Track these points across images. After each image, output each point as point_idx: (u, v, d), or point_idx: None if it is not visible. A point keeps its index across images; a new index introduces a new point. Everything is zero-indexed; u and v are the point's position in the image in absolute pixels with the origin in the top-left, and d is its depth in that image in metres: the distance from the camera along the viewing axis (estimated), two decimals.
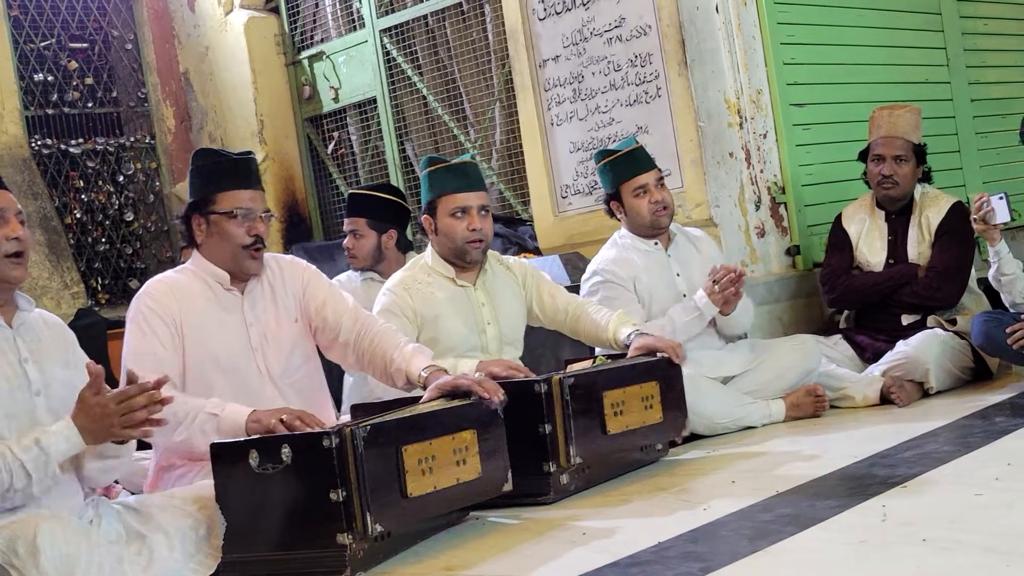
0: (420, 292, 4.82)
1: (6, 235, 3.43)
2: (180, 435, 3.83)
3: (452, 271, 4.87)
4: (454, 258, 4.86)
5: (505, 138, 7.72)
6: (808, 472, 4.06)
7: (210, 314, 4.12)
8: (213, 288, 4.16)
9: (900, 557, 2.92)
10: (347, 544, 3.36)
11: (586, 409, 4.22)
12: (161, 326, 4.03)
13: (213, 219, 4.13)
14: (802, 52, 6.68)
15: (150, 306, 4.07)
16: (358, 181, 8.68)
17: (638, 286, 5.34)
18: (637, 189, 5.33)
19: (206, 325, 4.09)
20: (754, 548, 3.16)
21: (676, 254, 5.44)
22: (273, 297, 4.24)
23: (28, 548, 3.03)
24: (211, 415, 3.82)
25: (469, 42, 7.89)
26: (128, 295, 9.09)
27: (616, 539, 3.50)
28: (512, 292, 4.99)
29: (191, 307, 4.09)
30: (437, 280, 4.86)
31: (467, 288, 4.88)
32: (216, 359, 4.08)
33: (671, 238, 5.47)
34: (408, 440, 3.55)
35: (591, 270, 5.46)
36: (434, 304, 4.81)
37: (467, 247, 4.80)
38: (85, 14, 9.37)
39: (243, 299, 4.18)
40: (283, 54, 9.16)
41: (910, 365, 5.41)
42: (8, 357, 3.43)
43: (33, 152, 8.83)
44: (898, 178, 5.86)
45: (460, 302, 4.85)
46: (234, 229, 4.11)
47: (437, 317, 4.79)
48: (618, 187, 5.37)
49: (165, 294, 4.10)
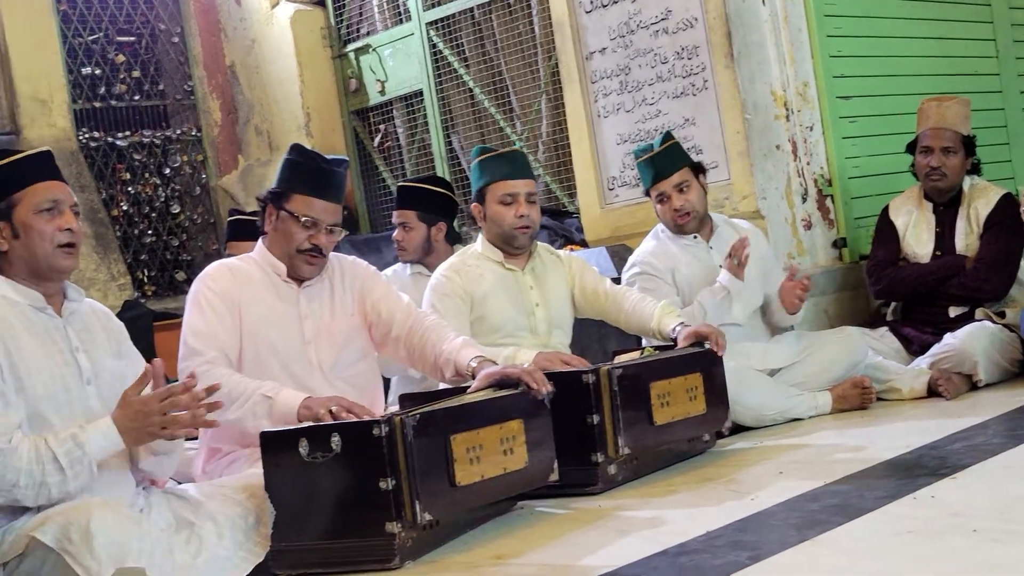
0: (469, 274, 4.88)
1: (59, 226, 3.45)
2: (234, 413, 3.86)
3: (501, 255, 4.93)
4: (503, 244, 4.92)
5: (551, 130, 7.72)
6: (855, 463, 4.05)
7: (267, 302, 4.17)
8: (272, 278, 4.21)
9: (949, 548, 2.90)
10: (396, 533, 3.38)
11: (633, 400, 4.23)
12: (221, 306, 4.08)
13: (282, 215, 4.18)
14: (849, 44, 6.66)
15: (210, 287, 4.12)
16: (404, 174, 8.68)
17: (676, 277, 5.35)
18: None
19: (263, 312, 4.14)
20: (802, 537, 3.15)
21: (718, 246, 5.43)
22: (331, 292, 4.29)
23: (82, 534, 3.05)
24: (265, 397, 3.86)
25: (515, 35, 7.90)
26: (174, 287, 9.17)
27: (664, 528, 3.50)
28: (560, 277, 5.03)
29: (250, 292, 4.15)
30: (486, 264, 4.92)
31: (515, 272, 4.93)
32: (271, 346, 4.12)
33: (713, 229, 5.46)
34: (456, 429, 3.56)
35: (630, 261, 5.50)
36: (483, 284, 4.86)
37: (515, 232, 4.85)
38: (132, 8, 9.43)
39: (299, 292, 4.23)
40: (329, 47, 9.18)
41: (958, 357, 5.38)
42: (59, 346, 3.45)
43: (81, 145, 8.91)
44: (946, 170, 5.82)
45: (508, 284, 4.90)
46: (296, 232, 4.15)
47: (486, 296, 4.85)
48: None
49: (226, 276, 4.16)
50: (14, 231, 3.43)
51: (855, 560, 2.93)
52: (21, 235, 3.43)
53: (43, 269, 3.45)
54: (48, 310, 3.47)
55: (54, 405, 3.38)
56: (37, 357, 3.38)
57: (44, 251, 3.43)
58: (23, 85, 8.65)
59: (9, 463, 3.22)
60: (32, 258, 3.43)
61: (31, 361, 3.36)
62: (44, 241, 3.43)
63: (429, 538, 3.54)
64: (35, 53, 8.74)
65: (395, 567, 3.40)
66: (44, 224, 3.44)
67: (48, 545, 3.09)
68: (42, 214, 3.45)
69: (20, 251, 3.43)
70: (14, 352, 3.33)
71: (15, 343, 3.34)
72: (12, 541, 3.23)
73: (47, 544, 3.09)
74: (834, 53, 6.53)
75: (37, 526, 3.15)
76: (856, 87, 6.66)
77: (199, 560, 3.41)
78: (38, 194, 3.46)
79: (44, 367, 3.38)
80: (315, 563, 3.47)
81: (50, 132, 8.65)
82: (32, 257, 3.43)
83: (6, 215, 3.44)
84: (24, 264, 3.45)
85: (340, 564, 3.45)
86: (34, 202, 3.45)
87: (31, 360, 3.36)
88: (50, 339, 3.44)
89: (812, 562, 2.97)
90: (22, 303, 3.43)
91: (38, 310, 3.45)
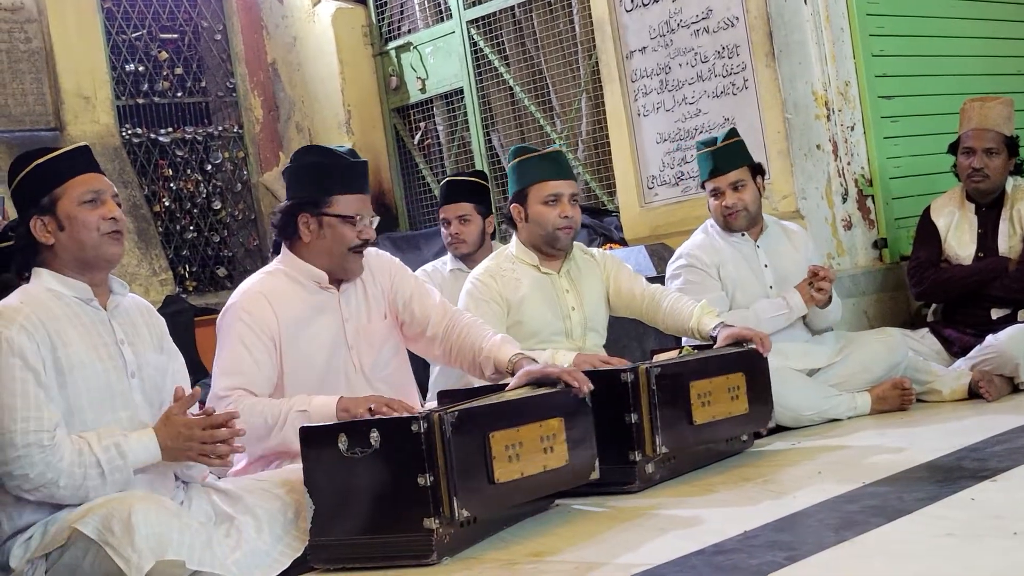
0: (504, 278, 4.87)
1: (103, 215, 3.50)
2: (275, 439, 3.88)
3: (536, 259, 4.91)
4: (543, 245, 4.89)
5: (591, 129, 7.72)
6: (895, 464, 4.03)
7: (305, 317, 4.12)
8: (307, 287, 4.16)
9: (989, 550, 2.89)
10: (433, 529, 3.39)
11: (673, 399, 4.22)
12: (256, 341, 4.02)
13: (327, 220, 4.12)
14: (891, 44, 6.63)
15: (244, 320, 4.04)
16: (444, 172, 8.69)
17: (722, 273, 5.34)
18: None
19: (302, 329, 4.10)
20: (840, 538, 3.14)
21: (766, 245, 5.42)
22: (365, 293, 4.28)
23: (123, 526, 3.08)
24: (301, 412, 3.85)
25: (556, 33, 7.90)
26: (215, 282, 9.22)
27: (701, 528, 3.50)
28: (595, 278, 5.02)
29: (287, 313, 4.09)
30: (521, 268, 4.91)
31: (551, 275, 4.91)
32: (312, 362, 4.10)
33: (762, 229, 5.45)
34: (496, 426, 3.57)
35: (677, 253, 5.49)
36: (519, 289, 4.85)
37: (558, 233, 4.84)
38: (175, 5, 9.48)
39: (339, 296, 4.21)
40: (370, 45, 9.21)
41: (1000, 359, 5.35)
42: (104, 339, 3.49)
43: (124, 141, 8.97)
44: (988, 171, 5.78)
45: (545, 288, 4.89)
46: (347, 232, 4.13)
47: (522, 301, 4.84)
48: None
49: (260, 305, 4.07)
50: (59, 224, 3.48)
51: (893, 562, 2.91)
52: (67, 227, 3.48)
53: (91, 258, 3.50)
54: (94, 302, 3.51)
55: (98, 397, 3.43)
56: (82, 349, 3.42)
57: (91, 240, 3.48)
58: (67, 81, 8.72)
59: (51, 462, 3.26)
60: (79, 248, 3.48)
61: (76, 353, 3.40)
62: (90, 230, 3.48)
63: (467, 534, 3.55)
64: (80, 50, 8.80)
65: (432, 563, 3.41)
66: (88, 214, 3.49)
67: (89, 537, 3.13)
68: (85, 205, 3.49)
69: (67, 243, 3.48)
70: (59, 346, 3.37)
71: (60, 337, 3.38)
72: (54, 532, 3.27)
73: (89, 536, 3.13)
74: (876, 52, 6.50)
75: (79, 518, 3.19)
76: (898, 87, 6.63)
77: (238, 553, 3.43)
78: (79, 186, 3.51)
79: (89, 359, 3.43)
80: (353, 558, 3.49)
81: (93, 128, 8.71)
82: (79, 247, 3.48)
83: (50, 209, 3.48)
84: (71, 255, 3.49)
85: (378, 559, 3.46)
86: (76, 194, 3.50)
87: (76, 352, 3.40)
88: (95, 331, 3.48)
89: (849, 564, 2.96)
90: (68, 295, 3.48)
91: (84, 302, 3.50)
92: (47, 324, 3.37)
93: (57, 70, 8.69)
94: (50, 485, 3.28)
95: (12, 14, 8.61)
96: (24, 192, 3.53)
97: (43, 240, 3.49)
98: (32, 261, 3.53)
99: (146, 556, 3.06)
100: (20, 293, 3.47)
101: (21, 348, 3.30)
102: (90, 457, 3.30)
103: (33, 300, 3.42)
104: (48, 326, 3.36)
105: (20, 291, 3.48)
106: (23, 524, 3.36)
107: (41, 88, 8.68)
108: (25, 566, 3.31)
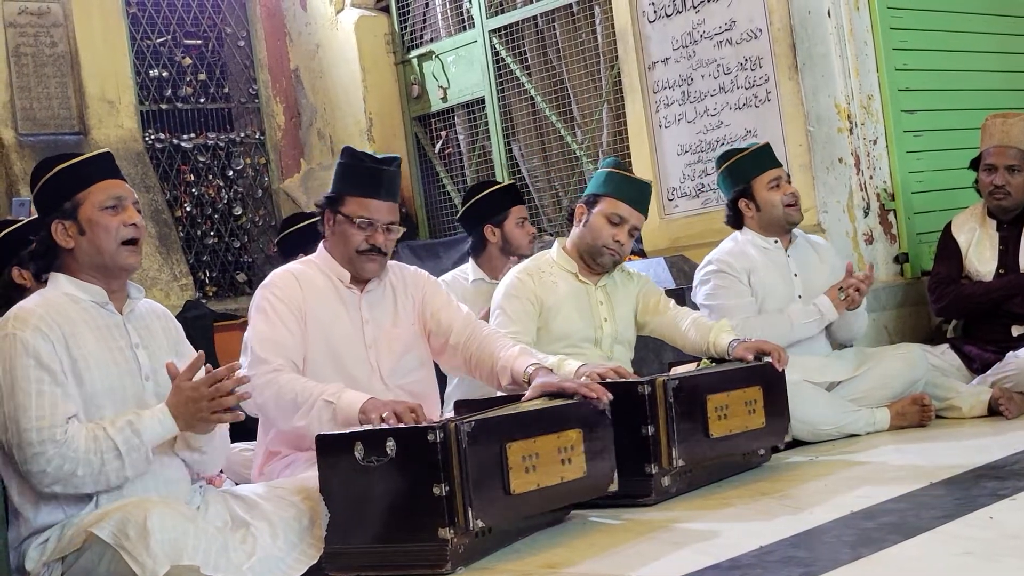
0: (543, 280, 4.90)
1: (123, 221, 3.53)
2: (301, 420, 3.90)
3: (576, 267, 4.95)
4: (586, 255, 4.92)
5: (612, 140, 7.72)
6: (913, 481, 4.00)
7: (330, 307, 4.19)
8: (335, 283, 4.24)
9: (1007, 570, 2.87)
10: (448, 539, 3.38)
11: (689, 412, 4.21)
12: (287, 313, 4.11)
13: (339, 219, 4.21)
14: (915, 58, 6.60)
15: (276, 294, 4.15)
16: (465, 180, 8.72)
17: (752, 279, 5.32)
18: (772, 182, 5.34)
19: (327, 317, 4.17)
20: (856, 555, 3.13)
21: (795, 255, 5.42)
22: (393, 299, 4.32)
23: (139, 531, 3.09)
24: (327, 403, 3.86)
25: (578, 43, 7.90)
26: (235, 288, 9.24)
27: (717, 542, 3.49)
28: (629, 296, 5.04)
29: (315, 298, 4.18)
30: (559, 273, 4.94)
31: (588, 285, 4.94)
32: (333, 351, 4.15)
33: (792, 240, 5.45)
34: (513, 437, 3.56)
35: (706, 259, 5.46)
36: (555, 292, 4.88)
37: (604, 251, 4.87)
38: (199, 11, 9.52)
39: (361, 297, 4.25)
40: (393, 53, 9.23)
41: (1020, 376, 5.32)
42: (119, 343, 3.52)
43: (147, 146, 9.00)
44: (1010, 188, 5.76)
45: (580, 297, 4.91)
46: (353, 234, 4.18)
47: (556, 307, 4.86)
48: (751, 181, 5.36)
49: (290, 284, 4.18)
50: (80, 228, 3.51)
51: None
52: (87, 231, 3.51)
53: (108, 265, 3.52)
54: (109, 306, 3.54)
55: (111, 400, 3.45)
56: (97, 352, 3.45)
57: (109, 247, 3.50)
58: (92, 86, 8.75)
59: (65, 455, 3.29)
60: (98, 254, 3.51)
61: (91, 356, 3.43)
62: (109, 236, 3.50)
63: (481, 545, 3.55)
64: (104, 55, 8.84)
65: (446, 572, 3.41)
66: (108, 219, 3.52)
67: (105, 541, 3.14)
68: (106, 211, 3.53)
69: (86, 247, 3.51)
70: (74, 348, 3.40)
71: (75, 339, 3.41)
72: (70, 536, 3.29)
73: (104, 540, 3.14)
74: (900, 66, 6.49)
75: (95, 522, 3.20)
76: (921, 101, 6.61)
77: (253, 560, 3.42)
78: (101, 192, 3.54)
79: (103, 362, 3.46)
80: (368, 566, 3.49)
81: (117, 133, 8.75)
82: (98, 253, 3.51)
83: (71, 214, 3.51)
84: (90, 260, 3.52)
85: (392, 568, 3.46)
86: (98, 199, 3.53)
87: (91, 355, 3.43)
88: (110, 335, 3.51)
89: None
90: (84, 299, 3.51)
91: (100, 306, 3.52)
92: (62, 326, 3.40)
93: (82, 75, 8.73)
94: (69, 476, 3.31)
95: (38, 18, 8.65)
96: (46, 196, 3.56)
97: (63, 244, 3.52)
98: (51, 265, 3.56)
99: (161, 561, 3.08)
100: (37, 297, 3.50)
101: (36, 348, 3.33)
102: (106, 442, 3.33)
103: (49, 303, 3.45)
104: (63, 328, 3.40)
105: (37, 295, 3.52)
106: (39, 526, 3.39)
107: (66, 92, 8.71)
108: (41, 569, 3.33)
